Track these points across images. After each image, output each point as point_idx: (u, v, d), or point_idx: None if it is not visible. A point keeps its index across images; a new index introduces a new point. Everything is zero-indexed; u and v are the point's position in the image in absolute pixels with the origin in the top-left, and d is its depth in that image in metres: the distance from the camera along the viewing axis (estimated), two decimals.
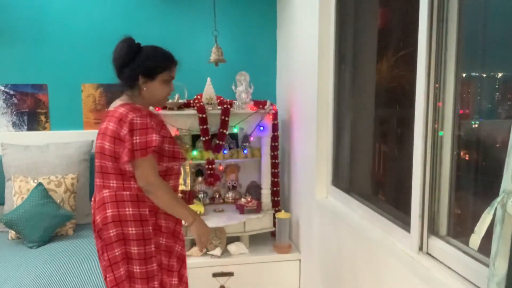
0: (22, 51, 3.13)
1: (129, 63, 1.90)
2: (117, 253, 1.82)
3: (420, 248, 1.63)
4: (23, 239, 2.66)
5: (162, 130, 1.88)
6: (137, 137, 1.77)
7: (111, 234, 1.82)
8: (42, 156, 2.96)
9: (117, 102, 1.92)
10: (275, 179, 3.12)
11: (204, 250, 2.00)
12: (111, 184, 1.84)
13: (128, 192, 1.83)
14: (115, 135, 1.79)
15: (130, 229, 1.82)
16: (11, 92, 3.15)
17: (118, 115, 1.80)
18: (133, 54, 1.92)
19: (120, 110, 1.82)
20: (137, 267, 1.83)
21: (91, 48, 3.20)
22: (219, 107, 2.98)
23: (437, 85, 1.57)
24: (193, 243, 2.95)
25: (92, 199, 1.96)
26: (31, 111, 3.19)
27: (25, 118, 3.19)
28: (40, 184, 2.75)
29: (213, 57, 2.92)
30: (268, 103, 3.04)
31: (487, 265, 1.27)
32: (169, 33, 3.29)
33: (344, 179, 2.50)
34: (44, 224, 2.64)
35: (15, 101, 3.16)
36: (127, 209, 1.82)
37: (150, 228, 1.85)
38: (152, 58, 1.91)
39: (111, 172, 1.83)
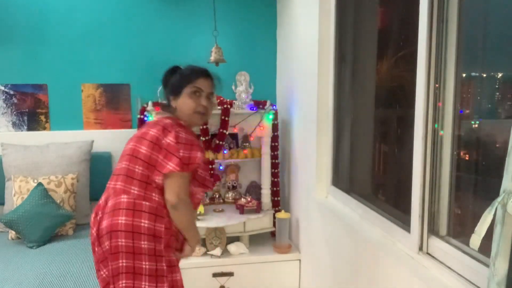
0: (22, 51, 3.13)
1: (166, 87, 1.94)
2: (121, 264, 1.70)
3: (420, 248, 1.63)
4: (23, 239, 2.66)
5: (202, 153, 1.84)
6: (181, 151, 1.72)
7: (119, 243, 1.69)
8: (42, 156, 2.96)
9: (161, 116, 1.92)
10: (275, 179, 3.12)
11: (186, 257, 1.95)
12: (132, 191, 1.72)
13: (148, 203, 1.72)
14: (155, 140, 1.74)
15: (142, 242, 1.69)
16: (11, 92, 3.15)
17: (163, 124, 1.79)
18: (167, 78, 1.94)
19: (165, 120, 1.82)
20: (146, 284, 1.71)
21: (91, 48, 3.20)
22: (219, 107, 2.98)
23: (437, 85, 1.57)
24: None
25: (100, 202, 1.81)
26: (31, 111, 3.19)
27: (25, 118, 3.19)
28: (40, 184, 2.75)
29: (213, 57, 2.92)
30: (268, 103, 3.04)
31: (487, 265, 1.27)
32: (169, 33, 3.29)
33: (344, 179, 2.50)
34: (44, 224, 2.64)
35: (15, 101, 3.16)
36: (142, 221, 1.69)
37: (162, 245, 1.73)
38: (177, 75, 1.90)
39: (136, 178, 1.73)
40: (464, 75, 1.56)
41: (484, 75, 1.59)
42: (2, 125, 3.16)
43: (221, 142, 2.96)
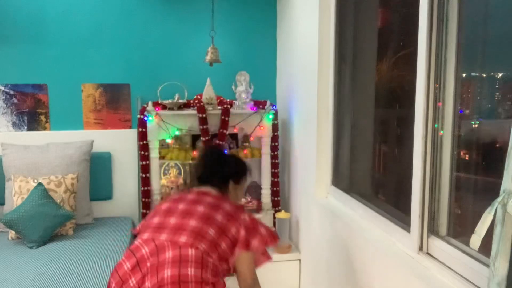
0: (22, 51, 3.13)
1: (221, 169, 2.07)
2: None
3: (420, 248, 1.63)
4: (23, 239, 2.66)
5: None
6: (260, 229, 1.88)
7: None
8: (42, 156, 2.96)
9: (210, 189, 1.99)
10: (275, 179, 3.12)
11: None
12: (200, 247, 1.76)
13: (211, 260, 1.77)
14: (231, 213, 1.86)
15: None
16: (11, 92, 3.15)
17: (232, 202, 1.95)
18: (223, 162, 2.12)
19: (224, 197, 1.97)
20: None
21: (91, 48, 3.20)
22: (219, 107, 2.98)
23: (437, 85, 1.57)
24: None
25: (143, 253, 1.75)
26: (31, 111, 3.19)
27: (25, 118, 3.19)
28: (40, 184, 2.75)
29: (209, 57, 2.92)
30: (268, 103, 3.04)
31: (487, 265, 1.27)
32: (170, 33, 3.29)
33: (344, 179, 2.50)
34: (44, 224, 2.64)
35: (15, 101, 3.16)
36: (208, 275, 1.73)
37: None
38: (240, 168, 2.13)
39: (207, 238, 1.78)
40: (464, 75, 1.56)
41: (484, 75, 1.59)
42: (2, 125, 3.16)
43: (221, 142, 2.96)
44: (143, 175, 2.93)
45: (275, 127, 3.06)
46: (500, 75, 1.52)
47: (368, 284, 1.94)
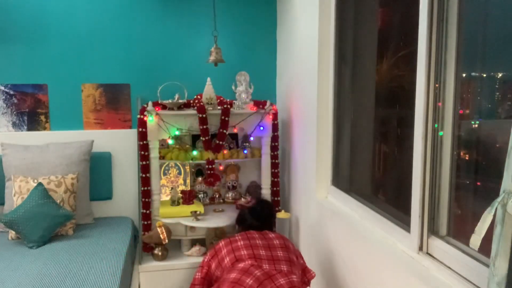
0: (22, 51, 3.13)
1: (272, 216, 2.64)
2: None
3: (420, 248, 1.63)
4: (23, 239, 2.66)
5: None
6: None
7: None
8: (42, 156, 2.96)
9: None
10: (275, 179, 3.12)
11: None
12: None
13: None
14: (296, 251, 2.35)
15: None
16: (11, 92, 3.15)
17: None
18: (273, 214, 2.65)
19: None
20: None
21: (91, 48, 3.20)
22: (219, 107, 2.98)
23: (437, 85, 1.57)
24: (193, 243, 2.95)
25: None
26: (31, 111, 3.19)
27: (25, 118, 3.19)
28: (40, 184, 2.75)
29: (212, 57, 2.92)
30: (268, 103, 3.04)
31: (487, 265, 1.28)
32: (170, 33, 3.29)
33: (344, 179, 2.51)
34: (44, 224, 2.64)
35: (15, 101, 3.16)
36: None
37: None
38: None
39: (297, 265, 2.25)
40: (464, 75, 1.56)
41: (484, 75, 1.59)
42: (2, 125, 3.16)
43: (221, 142, 2.96)
44: (143, 175, 2.93)
45: (275, 127, 3.06)
46: (500, 75, 1.52)
47: (368, 284, 1.94)
